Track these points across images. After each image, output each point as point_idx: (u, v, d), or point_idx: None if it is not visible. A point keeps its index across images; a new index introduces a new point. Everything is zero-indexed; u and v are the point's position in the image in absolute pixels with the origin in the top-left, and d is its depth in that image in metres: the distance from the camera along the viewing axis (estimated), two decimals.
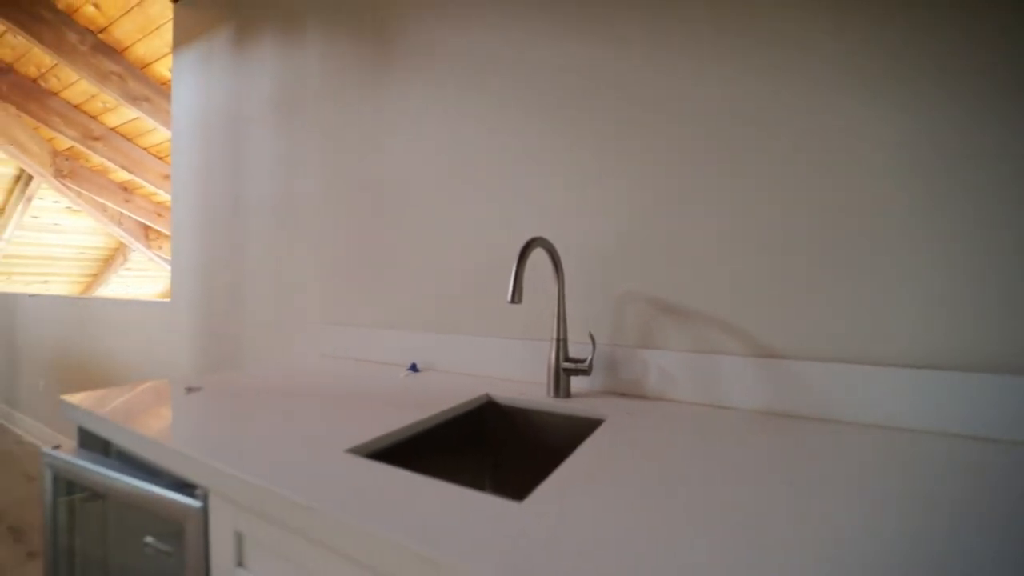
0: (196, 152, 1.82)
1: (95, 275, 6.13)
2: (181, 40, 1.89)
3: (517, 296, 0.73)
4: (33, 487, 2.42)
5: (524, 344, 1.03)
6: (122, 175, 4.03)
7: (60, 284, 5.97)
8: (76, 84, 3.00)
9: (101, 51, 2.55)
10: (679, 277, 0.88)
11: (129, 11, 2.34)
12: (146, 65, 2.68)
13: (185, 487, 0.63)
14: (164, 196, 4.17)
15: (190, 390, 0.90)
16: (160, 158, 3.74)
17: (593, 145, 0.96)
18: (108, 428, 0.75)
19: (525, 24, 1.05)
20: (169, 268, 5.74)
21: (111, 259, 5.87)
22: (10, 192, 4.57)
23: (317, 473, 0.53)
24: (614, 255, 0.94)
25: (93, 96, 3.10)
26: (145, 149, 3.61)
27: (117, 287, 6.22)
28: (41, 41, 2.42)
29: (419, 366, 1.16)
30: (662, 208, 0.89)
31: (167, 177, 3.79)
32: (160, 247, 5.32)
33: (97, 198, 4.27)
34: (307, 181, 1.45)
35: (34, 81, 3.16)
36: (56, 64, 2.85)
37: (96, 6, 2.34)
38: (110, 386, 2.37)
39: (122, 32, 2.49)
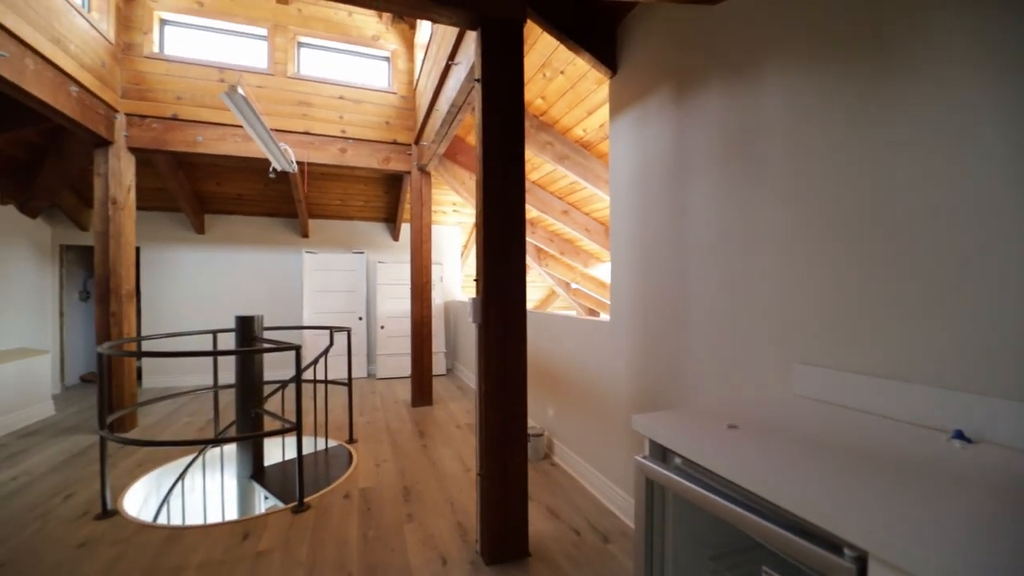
0: (633, 198, 2.16)
1: None
2: (616, 108, 2.29)
3: None
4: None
5: None
6: (533, 213, 5.32)
7: None
8: None
9: (542, 128, 3.43)
10: None
11: (564, 95, 3.05)
12: (567, 131, 3.43)
13: (800, 530, 0.71)
14: (559, 227, 5.26)
15: (731, 427, 1.04)
16: (560, 198, 4.73)
17: None
18: (707, 458, 0.93)
19: None
20: (550, 280, 7.23)
21: None
22: (470, 233, 6.77)
23: None
24: None
25: (526, 160, 4.23)
26: (552, 193, 4.65)
27: None
28: None
29: (966, 434, 0.97)
30: None
31: (565, 212, 4.75)
32: (546, 264, 6.76)
33: None
34: (764, 215, 1.47)
35: None
36: None
37: (543, 98, 3.17)
38: (555, 379, 3.15)
39: (555, 111, 3.27)
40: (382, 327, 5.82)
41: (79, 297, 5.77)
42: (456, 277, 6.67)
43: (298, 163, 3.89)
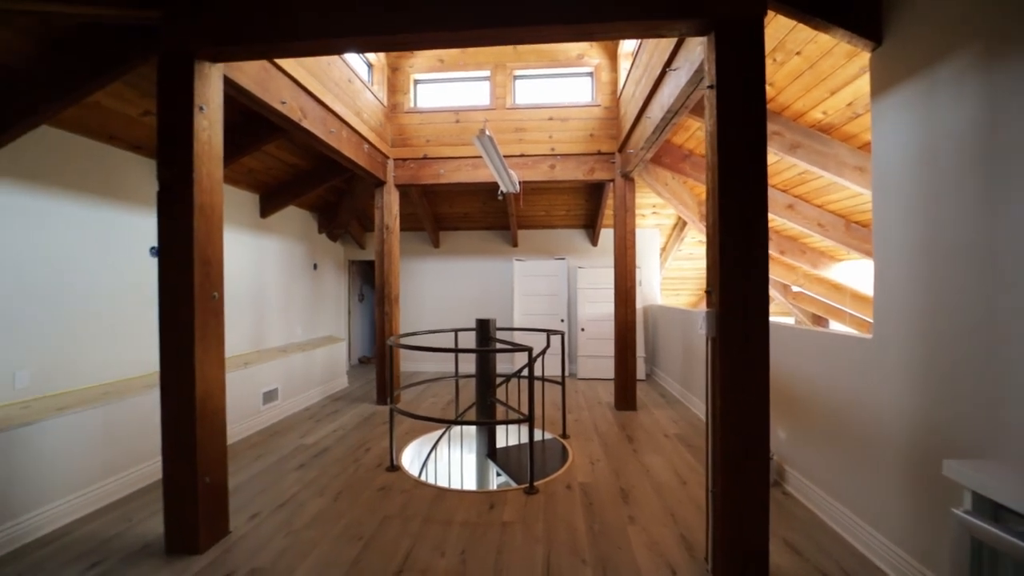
0: (911, 189, 1.79)
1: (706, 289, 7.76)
2: (882, 84, 1.93)
3: None
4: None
5: None
6: None
7: (683, 296, 7.95)
8: None
9: (768, 118, 3.10)
10: None
11: (798, 77, 2.70)
12: (800, 115, 3.02)
13: None
14: (781, 223, 4.63)
15: None
16: (784, 191, 4.17)
17: None
18: None
19: None
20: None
21: None
22: (669, 235, 6.53)
23: None
24: None
25: None
26: (774, 186, 4.14)
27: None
28: None
29: None
30: None
31: (790, 207, 4.18)
32: None
33: None
34: None
35: (703, 155, 4.33)
36: None
37: (771, 85, 2.86)
38: (789, 398, 2.74)
39: (786, 96, 2.92)
40: (582, 329, 6.07)
41: (358, 299, 7.65)
42: (655, 280, 6.50)
43: None
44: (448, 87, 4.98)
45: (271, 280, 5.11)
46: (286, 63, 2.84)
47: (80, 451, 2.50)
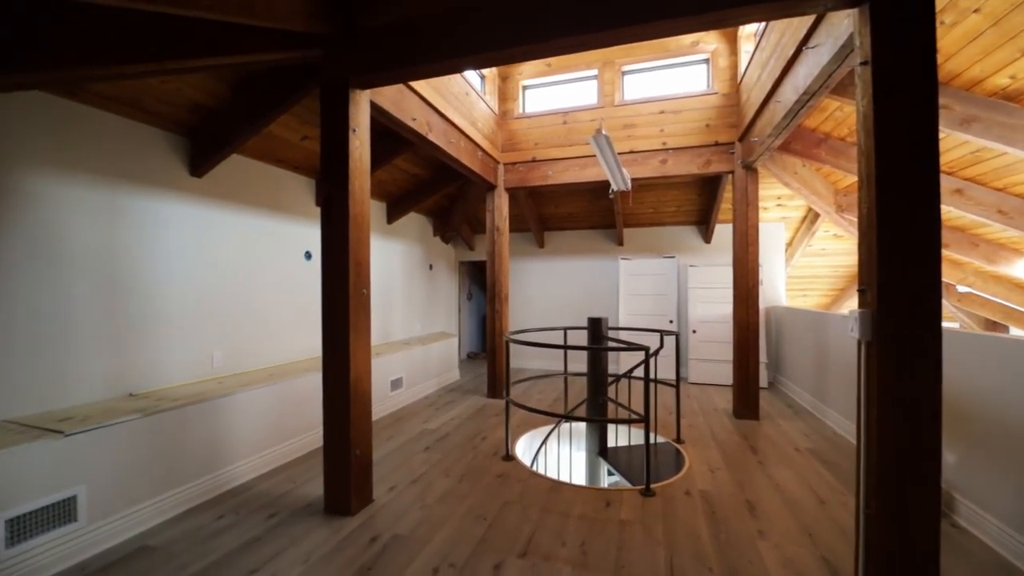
0: None
1: (841, 289, 6.86)
2: None
3: None
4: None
5: None
6: None
7: (813, 297, 7.12)
8: None
9: None
10: None
11: (975, 39, 2.30)
12: (976, 84, 2.57)
13: None
14: (942, 210, 3.95)
15: None
16: (950, 173, 3.56)
17: None
18: None
19: None
20: None
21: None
22: (796, 229, 5.91)
23: None
24: None
25: None
26: None
27: (851, 301, 6.67)
28: None
29: None
30: None
31: (958, 191, 3.55)
32: None
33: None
34: None
35: (842, 139, 3.86)
36: None
37: (937, 52, 2.48)
38: (962, 416, 2.18)
39: (956, 63, 2.50)
40: (694, 331, 5.76)
41: (467, 298, 8.10)
42: (779, 279, 5.93)
43: None
44: (555, 89, 5.06)
45: (395, 280, 5.65)
46: (416, 84, 3.14)
47: (258, 421, 3.02)
